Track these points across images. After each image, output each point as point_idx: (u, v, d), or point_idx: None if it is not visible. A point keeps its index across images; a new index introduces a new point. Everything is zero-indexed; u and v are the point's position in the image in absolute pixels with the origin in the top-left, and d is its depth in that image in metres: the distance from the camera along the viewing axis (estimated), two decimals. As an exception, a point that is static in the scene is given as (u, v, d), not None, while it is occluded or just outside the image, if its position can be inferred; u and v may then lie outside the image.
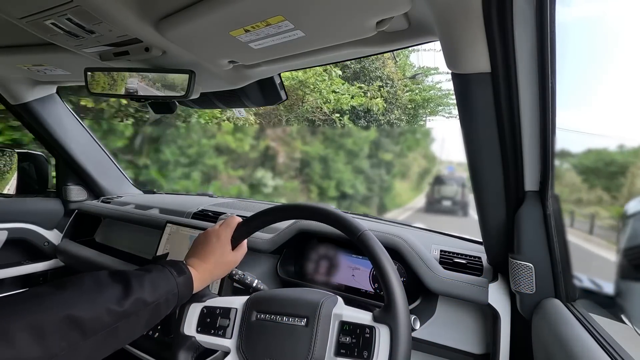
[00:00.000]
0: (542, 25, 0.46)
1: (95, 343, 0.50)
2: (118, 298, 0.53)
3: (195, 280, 0.65)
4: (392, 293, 0.57)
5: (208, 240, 0.70)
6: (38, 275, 1.39)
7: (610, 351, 0.49)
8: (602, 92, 3.96)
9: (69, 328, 0.47)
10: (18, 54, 0.87)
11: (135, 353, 1.01)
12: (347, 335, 0.58)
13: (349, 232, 0.63)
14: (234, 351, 0.62)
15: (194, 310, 0.68)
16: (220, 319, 0.65)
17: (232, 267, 0.72)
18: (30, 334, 0.44)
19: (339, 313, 0.60)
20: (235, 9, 0.49)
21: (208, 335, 0.65)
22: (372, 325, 0.57)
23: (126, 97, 0.73)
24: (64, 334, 0.46)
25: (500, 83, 0.50)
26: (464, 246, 0.91)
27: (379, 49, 0.66)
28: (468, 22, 0.44)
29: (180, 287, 0.62)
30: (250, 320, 0.63)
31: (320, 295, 0.63)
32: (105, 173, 1.51)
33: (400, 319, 0.55)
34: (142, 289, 0.56)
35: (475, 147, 0.60)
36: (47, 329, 0.45)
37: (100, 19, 0.56)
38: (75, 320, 0.48)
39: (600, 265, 1.54)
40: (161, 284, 0.59)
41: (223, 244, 0.70)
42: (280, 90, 0.91)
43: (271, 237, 0.99)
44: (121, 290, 0.54)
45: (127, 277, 0.57)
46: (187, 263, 0.67)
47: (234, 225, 0.72)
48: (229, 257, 0.70)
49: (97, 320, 0.50)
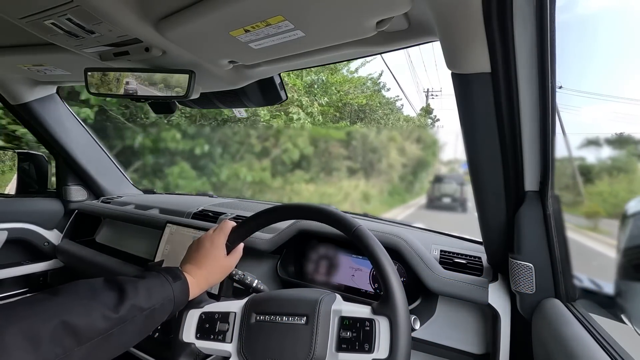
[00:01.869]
0: (542, 25, 0.46)
1: (90, 349, 0.49)
2: (113, 304, 0.53)
3: (191, 286, 0.65)
4: (389, 285, 0.57)
5: (202, 246, 0.70)
6: (38, 275, 1.39)
7: (610, 351, 0.49)
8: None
9: (64, 334, 0.47)
10: (18, 54, 0.87)
11: (135, 353, 1.01)
12: (348, 330, 0.58)
13: (343, 228, 0.64)
14: (235, 355, 0.62)
15: (192, 316, 0.67)
16: (219, 324, 0.65)
17: (227, 272, 0.72)
18: (25, 340, 0.43)
19: (338, 309, 0.61)
20: (235, 9, 0.49)
21: (208, 340, 0.65)
22: (372, 318, 0.57)
23: (126, 97, 0.73)
24: (58, 340, 0.46)
25: (500, 83, 0.50)
26: (464, 246, 0.91)
27: (379, 49, 0.66)
28: (468, 22, 0.44)
29: (177, 293, 0.62)
30: (250, 322, 0.63)
31: (318, 293, 0.63)
32: (105, 173, 1.51)
33: (398, 309, 0.56)
34: (137, 295, 0.56)
35: (475, 147, 0.60)
36: (42, 335, 0.45)
37: (100, 19, 0.56)
38: (69, 326, 0.47)
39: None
40: (156, 290, 0.59)
41: (217, 248, 0.70)
42: (280, 90, 0.91)
43: (271, 237, 0.99)
44: (116, 296, 0.54)
45: (121, 284, 0.56)
46: (183, 269, 0.67)
47: (228, 230, 0.73)
48: (223, 262, 0.70)
49: (92, 326, 0.50)
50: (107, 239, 1.42)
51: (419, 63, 25.28)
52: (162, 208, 1.29)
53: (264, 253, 1.00)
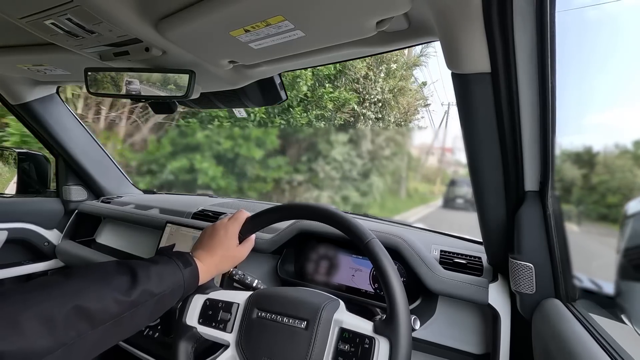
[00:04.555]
0: (542, 26, 0.46)
1: (102, 332, 0.51)
2: (125, 289, 0.54)
3: (201, 272, 0.65)
4: (395, 305, 0.56)
5: (216, 233, 0.71)
6: (38, 275, 1.39)
7: (610, 351, 0.49)
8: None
9: (78, 318, 0.48)
10: (18, 54, 0.87)
11: (135, 353, 1.01)
12: (346, 343, 0.57)
13: (356, 237, 0.62)
14: (233, 345, 0.63)
15: (197, 301, 0.68)
16: (222, 313, 0.66)
17: (237, 261, 0.73)
18: (40, 323, 0.45)
19: (339, 319, 0.60)
20: (235, 9, 0.49)
21: (209, 327, 0.65)
22: (372, 336, 0.56)
23: (126, 97, 0.73)
24: (72, 324, 0.47)
25: (500, 83, 0.50)
26: (464, 246, 0.91)
27: (379, 49, 0.66)
28: (468, 22, 0.44)
29: (187, 278, 0.62)
30: (251, 317, 0.63)
31: (322, 298, 0.63)
32: (105, 173, 1.51)
33: (401, 333, 0.54)
34: (149, 280, 0.57)
35: (475, 147, 0.60)
36: (57, 319, 0.46)
37: (101, 19, 0.56)
38: (83, 310, 0.49)
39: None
40: (167, 275, 0.60)
41: (230, 237, 0.70)
42: (280, 90, 0.91)
43: (271, 237, 0.99)
44: (128, 281, 0.55)
45: (134, 268, 0.57)
46: (194, 255, 0.68)
47: (242, 219, 0.73)
48: (235, 251, 0.71)
49: (105, 310, 0.51)
50: (107, 239, 1.42)
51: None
52: (162, 208, 1.29)
53: (264, 253, 1.00)
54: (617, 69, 2.10)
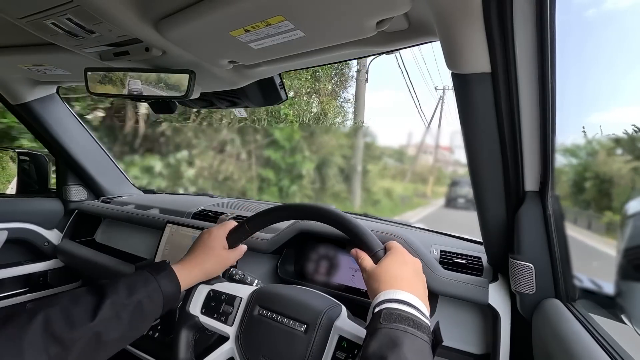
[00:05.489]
0: (542, 25, 0.46)
1: (80, 351, 0.52)
2: (93, 306, 0.55)
3: (181, 275, 0.66)
4: None
5: (200, 238, 0.73)
6: (38, 275, 1.39)
7: (610, 351, 0.49)
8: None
9: (48, 344, 0.49)
10: (18, 54, 0.87)
11: (135, 353, 1.01)
12: (344, 352, 0.56)
13: (365, 247, 0.61)
14: (233, 339, 0.63)
15: (202, 291, 0.69)
16: (224, 305, 0.66)
17: (226, 263, 0.73)
18: (12, 355, 0.46)
19: (340, 326, 0.59)
20: (235, 9, 0.49)
21: (211, 318, 0.66)
22: None
23: (126, 97, 0.73)
24: (43, 350, 0.48)
25: (500, 83, 0.50)
26: (464, 246, 0.91)
27: (379, 49, 0.66)
28: (468, 22, 0.44)
29: (163, 283, 0.63)
30: (253, 313, 0.63)
31: (324, 302, 0.63)
32: (105, 173, 1.51)
33: None
34: (116, 292, 0.58)
35: (475, 147, 0.60)
36: (28, 349, 0.47)
37: (101, 19, 0.56)
38: (51, 335, 0.49)
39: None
40: (138, 285, 0.61)
41: (214, 239, 0.72)
42: (280, 90, 0.91)
43: (271, 237, 0.99)
44: (95, 298, 0.56)
45: (102, 286, 0.59)
46: (180, 261, 0.69)
47: (230, 225, 0.75)
48: (221, 253, 0.72)
49: (72, 330, 0.52)
50: (107, 239, 1.42)
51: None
52: (162, 208, 1.29)
53: (264, 253, 1.00)
54: (617, 69, 2.08)
